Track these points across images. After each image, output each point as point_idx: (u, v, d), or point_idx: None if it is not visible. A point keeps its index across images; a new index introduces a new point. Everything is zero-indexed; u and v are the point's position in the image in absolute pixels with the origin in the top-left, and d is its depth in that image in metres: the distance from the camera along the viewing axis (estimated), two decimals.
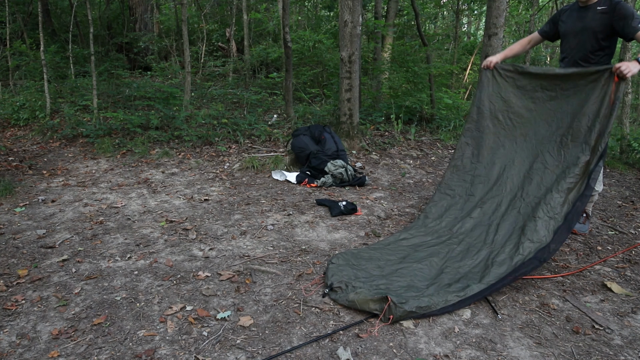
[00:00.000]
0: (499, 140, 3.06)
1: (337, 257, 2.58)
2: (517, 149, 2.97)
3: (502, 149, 3.03)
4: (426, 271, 2.49)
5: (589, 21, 2.83)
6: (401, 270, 2.49)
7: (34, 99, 6.72)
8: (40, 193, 3.95)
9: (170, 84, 8.16)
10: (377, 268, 2.52)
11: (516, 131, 3.01)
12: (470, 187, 3.05)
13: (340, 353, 1.83)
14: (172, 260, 2.69)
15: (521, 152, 2.94)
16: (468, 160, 3.15)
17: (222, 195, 3.94)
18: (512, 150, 2.99)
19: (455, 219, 2.94)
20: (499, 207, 2.81)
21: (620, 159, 5.20)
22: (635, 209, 3.74)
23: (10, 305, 2.18)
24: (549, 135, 2.85)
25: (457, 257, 2.60)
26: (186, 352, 1.86)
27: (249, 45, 9.67)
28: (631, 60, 2.87)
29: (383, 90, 7.46)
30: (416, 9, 7.19)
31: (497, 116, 3.10)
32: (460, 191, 3.08)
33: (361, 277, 2.39)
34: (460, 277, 2.38)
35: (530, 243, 2.43)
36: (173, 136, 5.70)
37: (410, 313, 2.07)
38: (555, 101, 2.87)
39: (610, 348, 1.92)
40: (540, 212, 2.53)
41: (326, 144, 4.70)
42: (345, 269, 2.44)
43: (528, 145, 2.93)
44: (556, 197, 2.53)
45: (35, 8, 9.77)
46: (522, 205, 2.71)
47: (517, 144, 2.98)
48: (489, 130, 3.10)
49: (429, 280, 2.40)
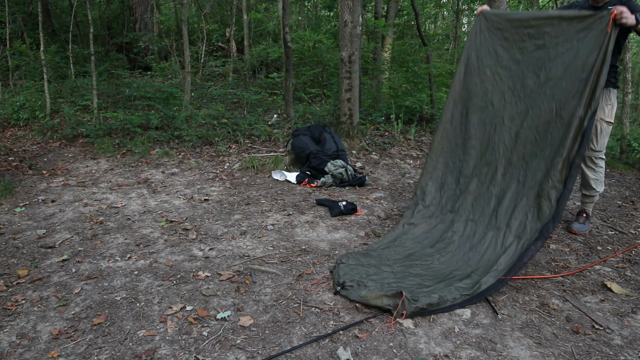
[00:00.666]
0: (487, 98, 2.87)
1: (347, 257, 2.59)
2: (505, 106, 2.79)
3: (491, 107, 2.85)
4: (436, 268, 2.50)
5: None
6: (410, 270, 2.50)
7: (34, 99, 6.72)
8: (40, 193, 3.94)
9: (170, 84, 8.16)
10: (387, 266, 2.55)
11: (504, 85, 2.82)
12: (463, 153, 2.91)
13: (340, 353, 1.83)
14: (172, 260, 2.69)
15: (510, 108, 2.77)
16: (457, 121, 2.97)
17: (222, 195, 3.94)
18: (501, 108, 2.81)
19: (455, 194, 2.82)
20: (495, 175, 2.70)
21: (620, 159, 5.20)
22: (635, 209, 3.74)
23: (10, 305, 2.18)
24: (537, 87, 2.68)
25: (464, 246, 2.55)
26: (186, 352, 1.86)
27: (249, 45, 9.67)
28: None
29: (383, 90, 7.46)
30: (416, 9, 7.19)
31: (485, 72, 2.90)
32: (454, 158, 2.93)
33: (372, 274, 2.42)
34: (471, 272, 2.38)
35: (535, 223, 2.38)
36: (173, 136, 5.70)
37: (422, 310, 2.10)
38: (543, 50, 2.68)
39: (610, 348, 1.92)
40: (542, 184, 2.45)
41: (326, 144, 4.70)
42: (357, 268, 2.47)
43: (516, 99, 2.75)
44: (556, 162, 2.43)
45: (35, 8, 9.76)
46: (521, 174, 2.60)
47: (505, 100, 2.80)
48: (477, 88, 2.91)
49: (439, 277, 2.41)
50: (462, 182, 2.84)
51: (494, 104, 2.84)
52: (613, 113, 3.00)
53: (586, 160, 3.10)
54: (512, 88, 2.78)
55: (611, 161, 5.19)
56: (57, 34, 10.71)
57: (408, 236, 2.82)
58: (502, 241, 2.45)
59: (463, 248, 2.56)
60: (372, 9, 9.51)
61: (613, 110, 3.00)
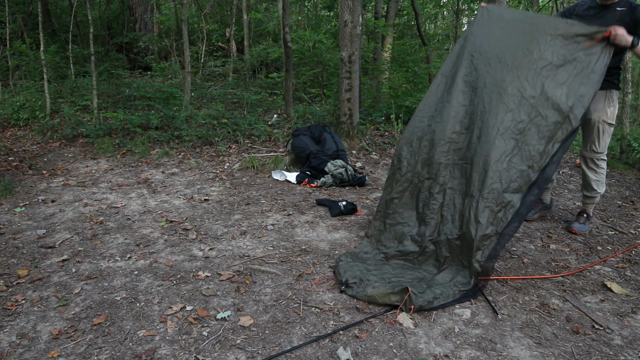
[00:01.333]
0: (474, 74, 2.78)
1: (346, 255, 2.67)
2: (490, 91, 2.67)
3: (475, 85, 2.75)
4: (431, 263, 2.55)
5: (608, 20, 2.79)
6: (406, 264, 2.59)
7: (34, 99, 6.72)
8: (40, 193, 3.95)
9: (170, 84, 8.16)
10: (384, 259, 2.64)
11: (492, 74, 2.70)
12: (440, 117, 2.81)
13: (340, 353, 1.83)
14: (172, 260, 2.69)
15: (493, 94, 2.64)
16: (441, 90, 2.89)
17: (222, 195, 3.94)
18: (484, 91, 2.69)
19: (431, 162, 2.73)
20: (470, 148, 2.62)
21: (620, 159, 5.20)
22: (635, 209, 3.74)
23: (10, 305, 2.18)
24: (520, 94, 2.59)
25: (451, 232, 2.53)
26: (186, 352, 1.86)
27: (249, 45, 9.67)
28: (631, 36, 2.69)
29: (383, 90, 7.46)
30: (416, 9, 7.19)
31: (479, 54, 2.81)
32: (429, 121, 2.84)
33: (372, 270, 2.48)
34: (465, 266, 2.40)
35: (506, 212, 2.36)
36: (173, 136, 5.70)
37: (429, 302, 2.15)
38: (534, 59, 2.61)
39: (610, 348, 1.92)
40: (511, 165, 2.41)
41: (326, 144, 4.70)
42: (356, 264, 2.53)
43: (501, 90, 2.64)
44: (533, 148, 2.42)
45: (35, 8, 9.76)
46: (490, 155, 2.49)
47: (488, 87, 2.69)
48: (467, 64, 2.82)
49: (435, 271, 2.47)
50: (439, 150, 2.73)
51: (477, 87, 2.74)
52: (615, 114, 3.00)
53: (587, 161, 3.10)
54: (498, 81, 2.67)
55: (611, 161, 5.19)
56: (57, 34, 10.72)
57: (397, 228, 2.79)
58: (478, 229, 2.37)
59: (451, 234, 2.52)
60: (372, 9, 9.51)
61: (615, 111, 3.00)
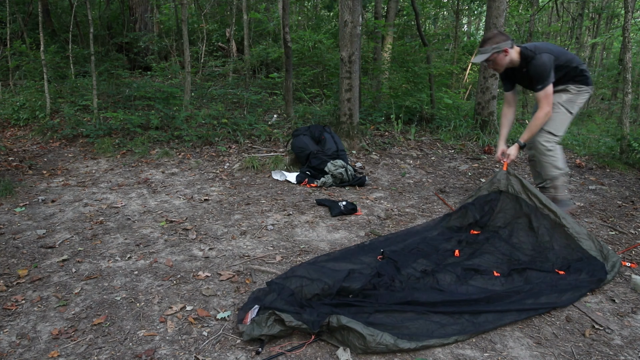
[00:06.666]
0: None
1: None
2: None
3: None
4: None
5: (519, 80, 3.28)
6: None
7: (34, 99, 6.72)
8: (40, 193, 3.95)
9: (170, 84, 8.17)
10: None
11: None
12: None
13: (340, 353, 1.83)
14: (172, 260, 2.69)
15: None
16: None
17: (222, 195, 3.94)
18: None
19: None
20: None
21: (620, 159, 5.20)
22: (635, 209, 3.74)
23: (10, 305, 2.18)
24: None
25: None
26: (186, 352, 1.86)
27: (249, 45, 9.67)
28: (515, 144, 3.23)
29: (383, 90, 7.46)
30: (416, 9, 7.19)
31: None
32: None
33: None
34: None
35: None
36: (173, 136, 5.70)
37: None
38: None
39: (610, 348, 1.92)
40: None
41: (326, 144, 4.70)
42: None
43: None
44: None
45: (35, 8, 9.77)
46: None
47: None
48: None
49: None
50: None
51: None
52: (573, 102, 3.17)
53: (537, 144, 3.21)
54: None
55: (611, 161, 5.19)
56: (57, 34, 10.71)
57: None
58: None
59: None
60: (372, 9, 9.51)
61: (574, 99, 3.17)
